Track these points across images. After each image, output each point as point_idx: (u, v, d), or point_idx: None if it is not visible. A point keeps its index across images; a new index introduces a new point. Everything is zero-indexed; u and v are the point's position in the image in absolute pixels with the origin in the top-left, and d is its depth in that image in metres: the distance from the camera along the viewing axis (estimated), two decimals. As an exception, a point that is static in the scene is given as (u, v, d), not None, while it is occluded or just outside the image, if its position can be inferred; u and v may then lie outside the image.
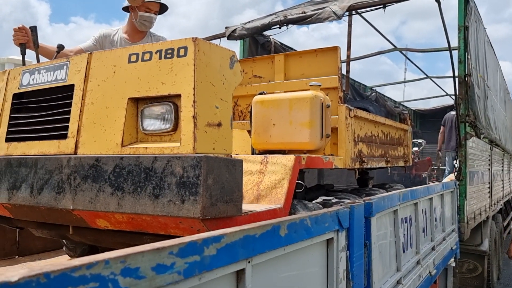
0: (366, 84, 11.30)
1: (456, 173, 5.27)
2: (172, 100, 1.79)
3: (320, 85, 3.01)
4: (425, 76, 11.80)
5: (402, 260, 2.96)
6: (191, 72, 1.74)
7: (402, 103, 13.06)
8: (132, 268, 0.94)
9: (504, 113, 9.59)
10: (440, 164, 9.41)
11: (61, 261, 0.86)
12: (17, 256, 3.97)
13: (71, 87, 2.04)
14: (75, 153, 1.95)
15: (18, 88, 2.24)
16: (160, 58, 1.83)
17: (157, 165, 1.71)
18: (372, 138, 3.83)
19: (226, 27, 6.19)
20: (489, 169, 7.18)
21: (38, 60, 2.74)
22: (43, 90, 2.16)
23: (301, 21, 5.53)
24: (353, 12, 6.01)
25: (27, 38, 2.76)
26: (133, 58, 1.89)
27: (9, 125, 2.24)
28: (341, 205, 2.10)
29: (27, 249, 4.04)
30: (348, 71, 6.07)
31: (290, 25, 5.72)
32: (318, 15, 5.29)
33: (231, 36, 6.00)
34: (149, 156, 1.74)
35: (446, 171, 8.25)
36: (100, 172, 1.83)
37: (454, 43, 5.09)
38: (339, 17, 5.14)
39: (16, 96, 2.26)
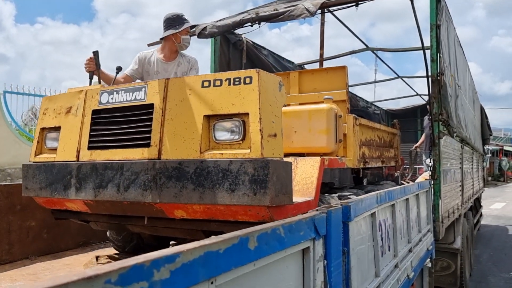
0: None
1: (430, 171, 5.66)
2: (241, 117, 2.55)
3: (332, 98, 3.88)
4: (396, 76, 12.76)
5: (381, 265, 3.06)
6: (256, 95, 2.51)
7: (373, 103, 14.09)
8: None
9: (473, 112, 10.44)
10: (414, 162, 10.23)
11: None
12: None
13: (150, 106, 2.76)
14: (159, 158, 2.67)
15: (97, 105, 2.93)
16: (229, 84, 2.59)
17: (233, 166, 2.48)
18: (371, 141, 4.76)
19: (195, 25, 6.30)
20: (460, 168, 7.85)
21: (99, 81, 3.42)
22: (122, 107, 2.86)
23: (273, 18, 5.85)
24: (325, 10, 6.49)
25: (94, 67, 3.45)
26: (206, 84, 2.65)
27: (90, 136, 2.93)
28: (317, 210, 2.12)
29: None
30: None
31: (262, 23, 6.04)
32: (290, 12, 5.61)
33: (201, 34, 6.25)
34: (225, 160, 2.50)
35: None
36: (183, 173, 2.58)
37: (425, 43, 5.38)
38: (312, 14, 5.44)
39: (95, 111, 2.94)
